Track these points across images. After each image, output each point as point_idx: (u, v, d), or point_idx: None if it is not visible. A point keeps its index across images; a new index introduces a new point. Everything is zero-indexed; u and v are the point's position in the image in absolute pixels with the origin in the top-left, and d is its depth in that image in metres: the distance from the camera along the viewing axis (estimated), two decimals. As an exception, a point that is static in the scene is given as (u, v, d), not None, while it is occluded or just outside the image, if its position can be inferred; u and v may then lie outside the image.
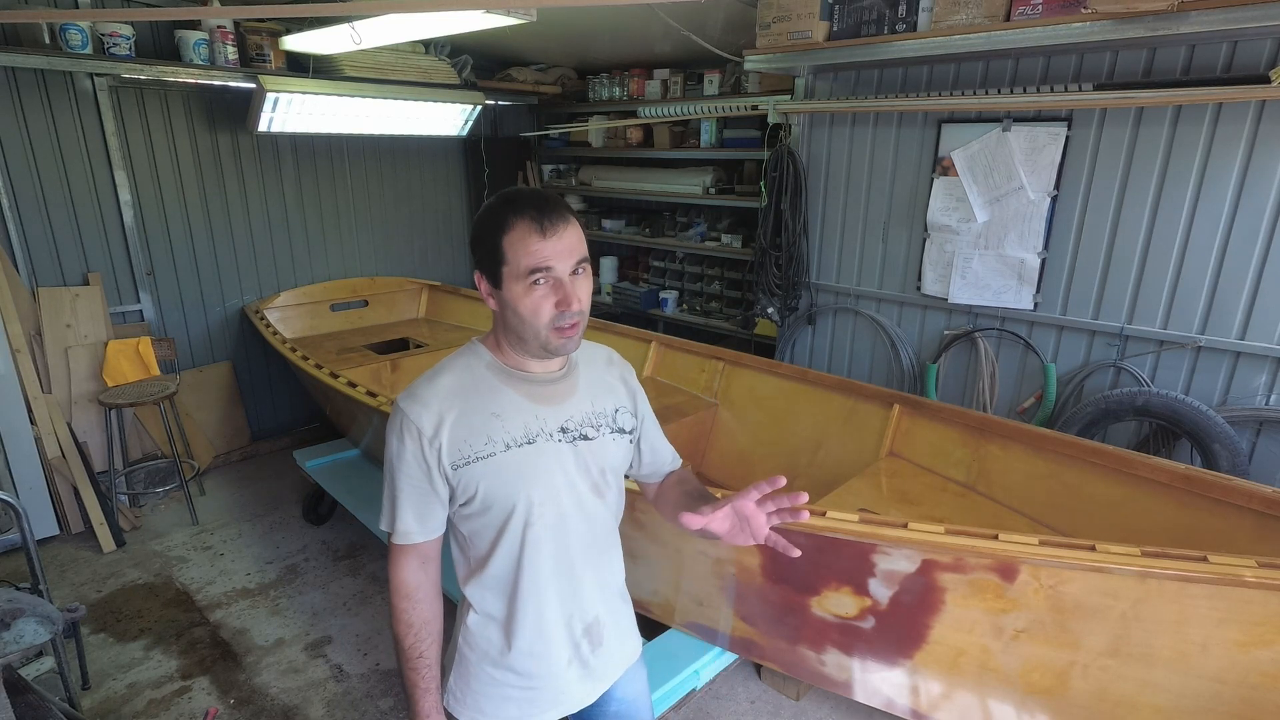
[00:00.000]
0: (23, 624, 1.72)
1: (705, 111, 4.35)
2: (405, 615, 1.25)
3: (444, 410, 1.20)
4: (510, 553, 1.26)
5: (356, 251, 4.92)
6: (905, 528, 1.76)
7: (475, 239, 1.21)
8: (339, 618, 3.01)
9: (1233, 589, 1.51)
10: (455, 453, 1.20)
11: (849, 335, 3.90)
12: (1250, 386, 2.76)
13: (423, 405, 1.20)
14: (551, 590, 1.29)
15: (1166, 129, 2.75)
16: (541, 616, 1.29)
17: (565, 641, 1.32)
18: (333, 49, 3.71)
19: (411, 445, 1.20)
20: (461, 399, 1.21)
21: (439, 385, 1.23)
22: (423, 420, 1.19)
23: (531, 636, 1.29)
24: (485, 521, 1.25)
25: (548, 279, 1.14)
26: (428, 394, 1.21)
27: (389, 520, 1.25)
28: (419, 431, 1.19)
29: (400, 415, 1.21)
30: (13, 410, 3.34)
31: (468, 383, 1.23)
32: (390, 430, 1.22)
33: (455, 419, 1.20)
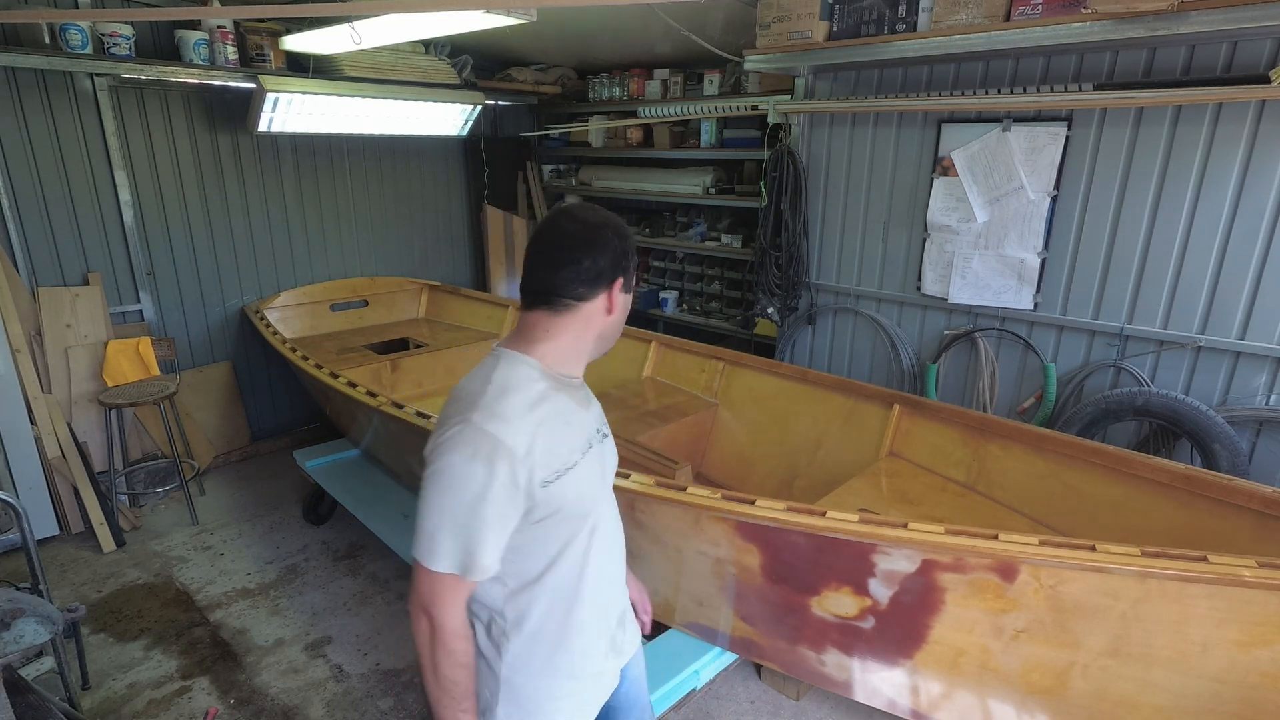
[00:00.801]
0: (23, 624, 1.72)
1: (705, 111, 4.35)
2: (463, 657, 1.18)
3: (532, 425, 1.15)
4: (575, 557, 1.26)
5: (356, 251, 4.92)
6: (905, 528, 1.76)
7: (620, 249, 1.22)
8: (339, 618, 3.01)
9: (1233, 589, 1.51)
10: (547, 468, 1.16)
11: (849, 335, 3.90)
12: (1250, 386, 2.76)
13: (508, 423, 1.13)
14: (604, 586, 1.33)
15: (1166, 129, 2.75)
16: (599, 614, 1.33)
17: (607, 634, 1.38)
18: (333, 49, 3.71)
19: (504, 470, 1.11)
20: (540, 411, 1.18)
21: (516, 401, 1.16)
22: (516, 440, 1.12)
23: (590, 636, 1.32)
24: (554, 532, 1.22)
25: None
26: (509, 411, 1.14)
27: (460, 556, 1.12)
28: (511, 452, 1.11)
29: (487, 438, 1.10)
30: (13, 410, 3.34)
31: (536, 394, 1.19)
32: (471, 457, 1.10)
33: (544, 433, 1.16)
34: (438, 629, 1.16)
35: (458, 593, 1.16)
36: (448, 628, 1.16)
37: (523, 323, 1.26)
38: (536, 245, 1.23)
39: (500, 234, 5.46)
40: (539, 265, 1.22)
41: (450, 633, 1.16)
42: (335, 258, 4.81)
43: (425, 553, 1.13)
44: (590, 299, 1.22)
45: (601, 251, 1.20)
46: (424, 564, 1.14)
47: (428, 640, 1.17)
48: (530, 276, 1.23)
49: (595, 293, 1.22)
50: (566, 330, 1.23)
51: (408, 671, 2.71)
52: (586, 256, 1.19)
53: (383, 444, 3.46)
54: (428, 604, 1.15)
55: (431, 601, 1.15)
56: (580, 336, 1.25)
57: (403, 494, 3.57)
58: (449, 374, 4.30)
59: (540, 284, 1.22)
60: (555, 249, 1.21)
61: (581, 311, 1.22)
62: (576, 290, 1.20)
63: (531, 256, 1.23)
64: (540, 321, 1.23)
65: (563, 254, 1.20)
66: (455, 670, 1.17)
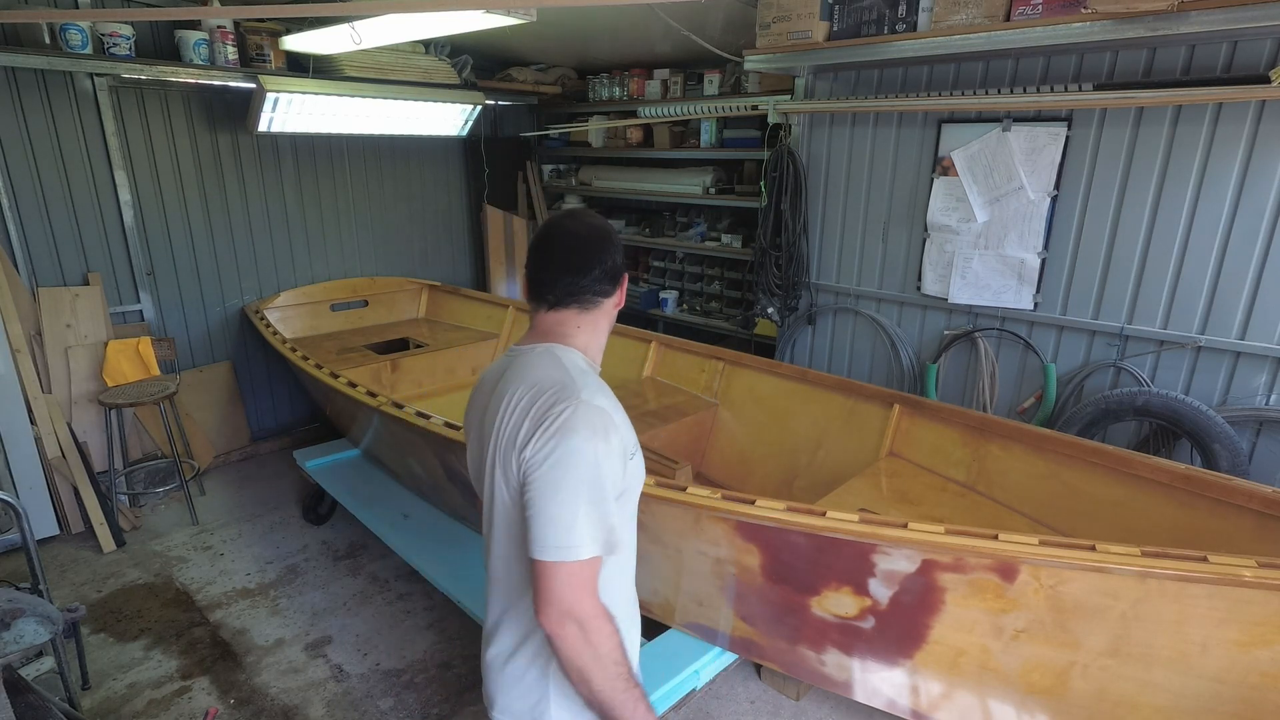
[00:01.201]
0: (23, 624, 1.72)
1: (705, 111, 4.35)
2: (618, 635, 1.17)
3: (612, 402, 1.24)
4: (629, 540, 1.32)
5: (356, 251, 4.91)
6: (905, 528, 1.76)
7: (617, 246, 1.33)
8: (339, 618, 3.01)
9: (1233, 589, 1.51)
10: (631, 444, 1.24)
11: (849, 335, 3.90)
12: (1250, 386, 2.76)
13: (609, 398, 1.23)
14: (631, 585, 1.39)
15: (1166, 129, 2.75)
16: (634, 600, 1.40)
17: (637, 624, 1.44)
18: (333, 49, 3.71)
19: (616, 440, 1.18)
20: (610, 395, 1.26)
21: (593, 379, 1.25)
22: (616, 413, 1.21)
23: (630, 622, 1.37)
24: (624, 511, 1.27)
25: None
26: (601, 388, 1.24)
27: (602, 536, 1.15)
28: (618, 426, 1.20)
29: (600, 413, 1.17)
30: (13, 410, 3.34)
31: (600, 380, 1.28)
32: (590, 431, 1.14)
33: (619, 412, 1.24)
34: (586, 623, 1.12)
35: (593, 574, 1.15)
36: (596, 613, 1.14)
37: (547, 322, 1.32)
38: (554, 250, 1.30)
39: (500, 234, 5.46)
40: (565, 268, 1.28)
41: (599, 617, 1.14)
42: (335, 258, 4.81)
43: (569, 548, 1.11)
44: (611, 295, 1.34)
45: (615, 250, 1.32)
46: (569, 560, 1.11)
47: (580, 643, 1.12)
48: (559, 279, 1.29)
49: (614, 288, 1.34)
50: (592, 325, 1.33)
51: (408, 671, 2.71)
52: (607, 257, 1.30)
53: (383, 444, 3.46)
54: (571, 604, 1.12)
55: (576, 599, 1.12)
56: (600, 330, 1.36)
57: (403, 494, 3.57)
58: (449, 374, 4.30)
59: (570, 286, 1.29)
60: (578, 252, 1.29)
61: (604, 307, 1.34)
62: (602, 288, 1.31)
63: (552, 261, 1.29)
64: (570, 319, 1.31)
65: (587, 256, 1.29)
66: (617, 650, 1.16)
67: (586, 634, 1.12)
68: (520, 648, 1.29)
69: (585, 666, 1.13)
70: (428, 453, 2.93)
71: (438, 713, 2.52)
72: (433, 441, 2.71)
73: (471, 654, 2.80)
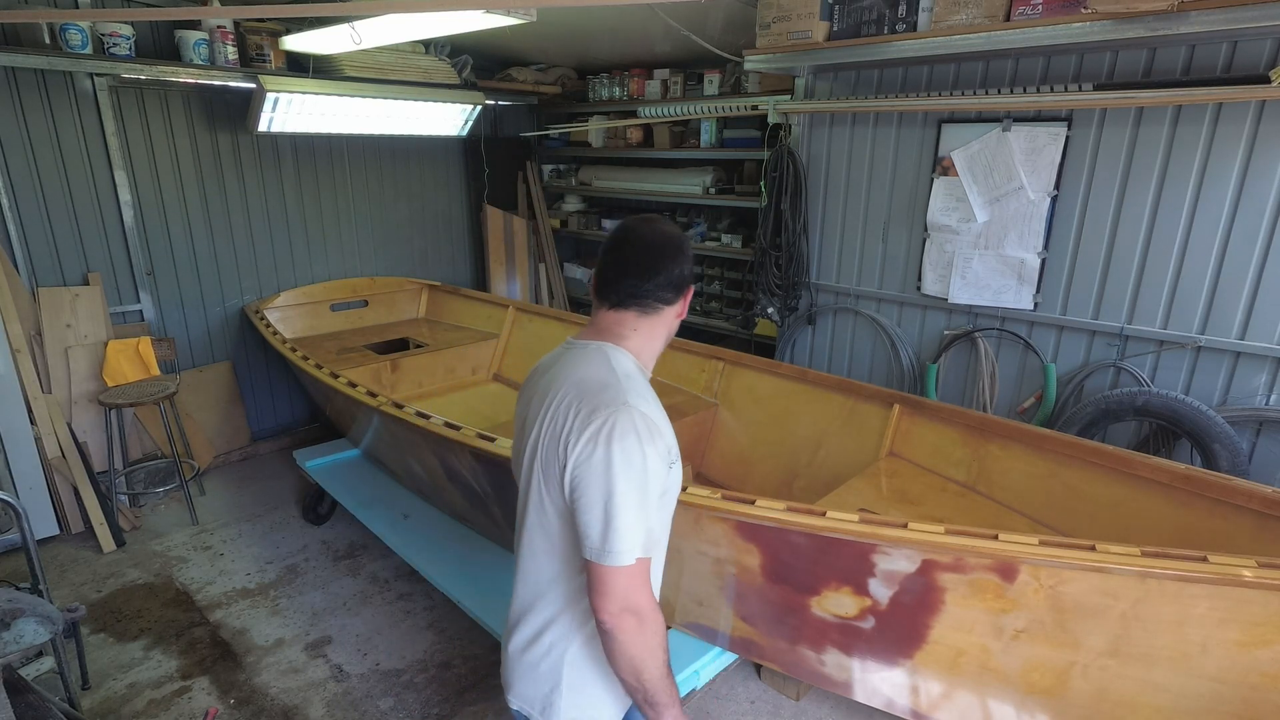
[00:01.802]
0: (23, 624, 1.72)
1: (705, 111, 4.35)
2: (665, 627, 1.23)
3: (656, 407, 1.26)
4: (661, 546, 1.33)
5: (356, 251, 4.91)
6: (905, 528, 1.76)
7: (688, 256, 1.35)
8: (339, 618, 3.01)
9: (1233, 589, 1.51)
10: (675, 451, 1.27)
11: (849, 335, 3.90)
12: (1250, 386, 2.76)
13: (653, 404, 1.24)
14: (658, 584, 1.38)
15: (1166, 129, 2.75)
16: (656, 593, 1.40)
17: None
18: (333, 49, 3.71)
19: (662, 445, 1.21)
20: (655, 399, 1.28)
21: (641, 385, 1.27)
22: (660, 420, 1.23)
23: None
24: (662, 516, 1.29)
25: None
26: (647, 393, 1.26)
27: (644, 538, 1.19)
28: (662, 432, 1.22)
29: (646, 420, 1.19)
30: (13, 410, 3.34)
31: (647, 384, 1.30)
32: (637, 438, 1.17)
33: (663, 419, 1.26)
34: (643, 616, 1.19)
35: (646, 571, 1.21)
36: (652, 606, 1.21)
37: (606, 320, 1.35)
38: (623, 252, 1.33)
39: (500, 234, 5.46)
40: (634, 272, 1.31)
41: (655, 610, 1.21)
42: (335, 258, 4.81)
43: (620, 553, 1.16)
44: (674, 303, 1.35)
45: (684, 261, 1.34)
46: (619, 564, 1.16)
47: (639, 634, 1.19)
48: (623, 281, 1.32)
49: (678, 297, 1.35)
50: (649, 330, 1.35)
51: (408, 671, 2.71)
52: (675, 265, 1.32)
53: (383, 444, 3.46)
54: (629, 601, 1.18)
55: (631, 595, 1.18)
56: (657, 336, 1.37)
57: (403, 494, 3.57)
58: (449, 374, 4.30)
59: (633, 288, 1.31)
60: (650, 258, 1.31)
61: (665, 314, 1.35)
62: (665, 295, 1.33)
63: (620, 262, 1.32)
64: (628, 320, 1.33)
65: (657, 261, 1.31)
66: (665, 640, 1.22)
67: (643, 625, 1.18)
68: (539, 637, 1.33)
69: (639, 656, 1.19)
70: (428, 453, 2.93)
71: (438, 713, 2.52)
72: (433, 441, 2.71)
73: (471, 654, 2.80)
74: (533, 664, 1.34)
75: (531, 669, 1.34)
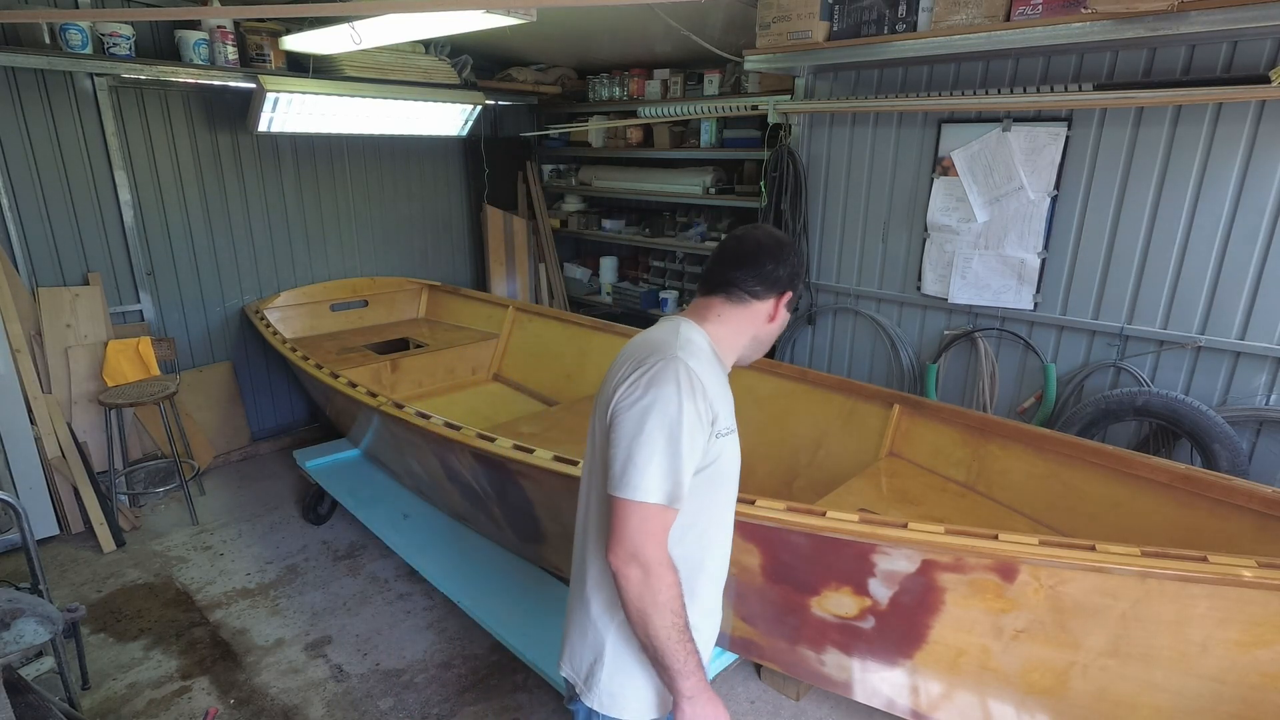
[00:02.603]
0: (23, 624, 1.72)
1: (705, 111, 4.35)
2: (679, 586, 1.21)
3: (712, 375, 1.27)
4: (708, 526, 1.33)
5: (356, 251, 4.91)
6: (905, 528, 1.76)
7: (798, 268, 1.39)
8: (339, 618, 3.01)
9: (1233, 589, 1.51)
10: (719, 420, 1.26)
11: (849, 335, 3.90)
12: (1250, 386, 2.76)
13: (701, 363, 1.25)
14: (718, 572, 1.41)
15: (1166, 129, 2.75)
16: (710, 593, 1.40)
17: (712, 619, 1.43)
18: (333, 49, 3.71)
19: (702, 402, 1.20)
20: (714, 369, 1.30)
21: (700, 350, 1.28)
22: (706, 378, 1.23)
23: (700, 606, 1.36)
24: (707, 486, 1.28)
25: None
26: (699, 356, 1.26)
27: (669, 486, 1.17)
28: (705, 388, 1.22)
29: (687, 370, 1.20)
30: (13, 410, 3.34)
31: (710, 357, 1.31)
32: (677, 386, 1.19)
33: (718, 387, 1.28)
34: (650, 568, 1.17)
35: (664, 524, 1.20)
36: (661, 560, 1.18)
37: (699, 304, 1.39)
38: (729, 246, 1.38)
39: (500, 234, 5.46)
40: (728, 261, 1.36)
41: (664, 565, 1.19)
42: (335, 258, 4.81)
43: (636, 488, 1.16)
44: (763, 299, 1.36)
45: (784, 262, 1.35)
46: (635, 499, 1.17)
47: (642, 586, 1.18)
48: (717, 268, 1.37)
49: (768, 295, 1.36)
50: (734, 320, 1.37)
51: (408, 671, 2.71)
52: (770, 262, 1.34)
53: (383, 444, 3.46)
54: (637, 546, 1.17)
55: (642, 542, 1.17)
56: (741, 330, 1.38)
57: (403, 494, 3.57)
58: (449, 374, 4.30)
59: (725, 276, 1.35)
60: (747, 250, 1.35)
61: (751, 308, 1.36)
62: (754, 287, 1.34)
63: (722, 254, 1.38)
64: (715, 305, 1.37)
65: (752, 255, 1.35)
66: (676, 600, 1.19)
67: (648, 578, 1.17)
68: (588, 606, 1.35)
69: (645, 609, 1.18)
70: (428, 453, 2.93)
71: (437, 713, 2.52)
72: (433, 441, 2.71)
73: (471, 654, 2.80)
74: (581, 632, 1.36)
75: (581, 637, 1.36)
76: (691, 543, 1.32)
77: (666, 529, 1.20)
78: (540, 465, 2.22)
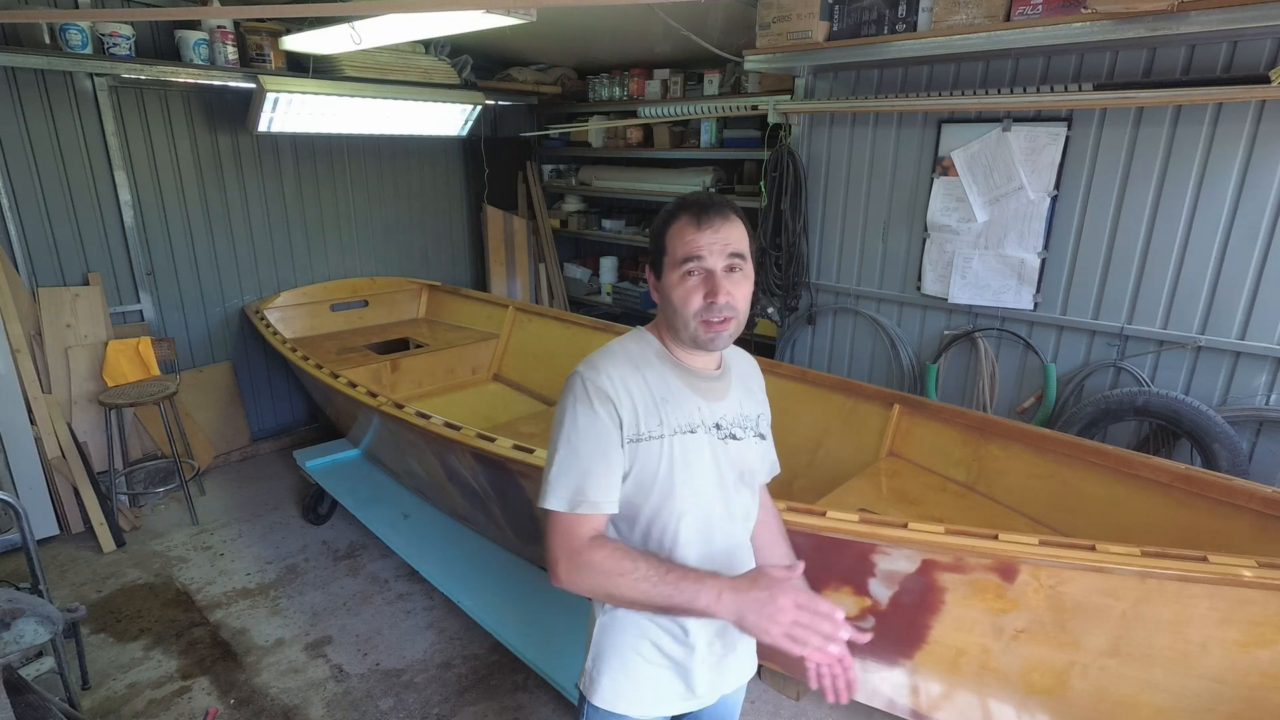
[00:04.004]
0: (23, 624, 1.72)
1: (705, 111, 4.35)
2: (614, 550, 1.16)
3: (626, 381, 1.23)
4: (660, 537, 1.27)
5: (356, 251, 4.92)
6: (905, 528, 1.76)
7: (651, 234, 1.31)
8: (339, 618, 3.01)
9: (1233, 589, 1.50)
10: (634, 427, 1.21)
11: (849, 335, 3.90)
12: (1250, 386, 2.76)
13: (605, 374, 1.22)
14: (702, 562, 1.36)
15: (1166, 129, 2.75)
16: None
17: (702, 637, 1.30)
18: (333, 49, 3.71)
19: (600, 408, 1.19)
20: (638, 375, 1.25)
21: (617, 358, 1.26)
22: (609, 387, 1.21)
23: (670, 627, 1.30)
24: (637, 498, 1.25)
25: (699, 270, 1.21)
26: (608, 365, 1.24)
27: (569, 494, 1.18)
28: (607, 396, 1.20)
29: (584, 381, 1.21)
30: (13, 410, 3.34)
31: (641, 362, 1.27)
32: (573, 398, 1.21)
33: (636, 393, 1.23)
34: (572, 559, 1.17)
35: (574, 528, 1.19)
36: (574, 549, 1.18)
37: None
38: None
39: (500, 234, 5.46)
40: None
41: (578, 552, 1.17)
42: (335, 258, 4.81)
43: (542, 494, 1.21)
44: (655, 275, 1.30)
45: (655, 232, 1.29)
46: (543, 506, 1.20)
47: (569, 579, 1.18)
48: None
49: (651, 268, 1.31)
50: (660, 310, 1.32)
51: (408, 671, 2.71)
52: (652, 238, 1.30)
53: (383, 444, 3.46)
54: (552, 547, 1.20)
55: (555, 543, 1.20)
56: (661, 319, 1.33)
57: (403, 494, 3.57)
58: (449, 374, 4.30)
59: None
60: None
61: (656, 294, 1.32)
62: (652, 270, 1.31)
63: None
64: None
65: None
66: (613, 562, 1.15)
67: (578, 567, 1.17)
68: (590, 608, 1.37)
69: (596, 588, 1.18)
70: (428, 453, 2.92)
71: (438, 713, 2.52)
72: (433, 441, 2.71)
73: (471, 654, 2.80)
74: (587, 634, 1.36)
75: (587, 639, 1.36)
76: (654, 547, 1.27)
77: (579, 527, 1.19)
78: (540, 465, 2.22)
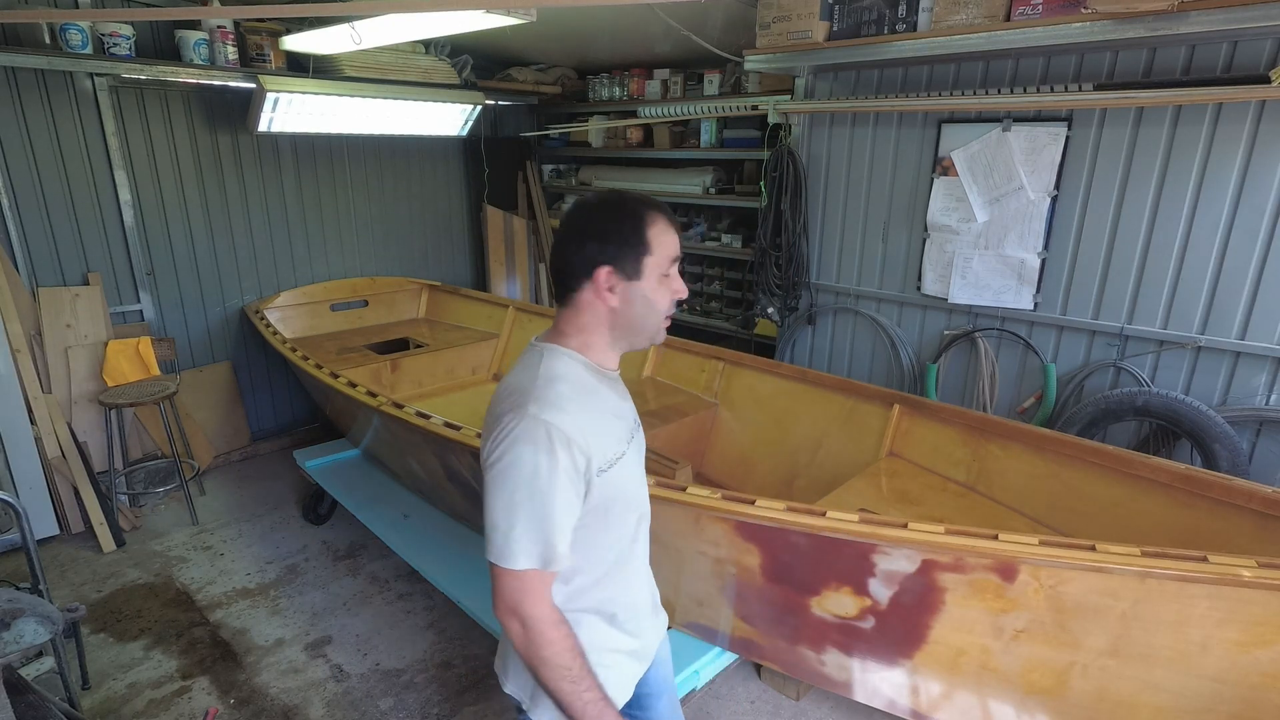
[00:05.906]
0: (23, 624, 1.72)
1: (705, 111, 4.35)
2: (565, 641, 1.16)
3: (581, 415, 1.16)
4: (624, 545, 1.30)
5: (356, 251, 4.92)
6: (905, 528, 1.76)
7: (606, 232, 1.19)
8: (339, 618, 3.01)
9: (1233, 589, 1.51)
10: (601, 457, 1.18)
11: (849, 335, 3.90)
12: (1250, 386, 2.76)
13: (562, 411, 1.14)
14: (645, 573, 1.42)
15: (1166, 129, 2.74)
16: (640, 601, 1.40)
17: (647, 619, 1.43)
18: (333, 49, 3.71)
19: (565, 457, 1.11)
20: (586, 402, 1.19)
21: (564, 391, 1.17)
22: (571, 426, 1.13)
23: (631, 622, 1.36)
24: (608, 520, 1.24)
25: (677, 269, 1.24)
26: (560, 399, 1.15)
27: (539, 550, 1.12)
28: (569, 438, 1.12)
29: (546, 426, 1.11)
30: (13, 410, 3.34)
31: (581, 387, 1.21)
32: (533, 447, 1.11)
33: (590, 423, 1.17)
34: (530, 626, 1.15)
35: (542, 586, 1.16)
36: (541, 618, 1.15)
37: (556, 317, 1.28)
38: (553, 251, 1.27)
39: (500, 234, 5.46)
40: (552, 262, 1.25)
41: (545, 623, 1.15)
42: (335, 258, 4.81)
43: (504, 554, 1.13)
44: (584, 286, 1.21)
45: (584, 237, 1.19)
46: (504, 566, 1.13)
47: (524, 641, 1.16)
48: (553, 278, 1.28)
49: (585, 279, 1.20)
50: (580, 321, 1.24)
51: (408, 671, 2.71)
52: (571, 241, 1.20)
53: (383, 444, 3.46)
54: (515, 605, 1.14)
55: (519, 601, 1.14)
56: (599, 328, 1.24)
57: (403, 494, 3.57)
58: (449, 374, 4.30)
59: (554, 279, 1.26)
60: (555, 251, 1.24)
61: (582, 300, 1.22)
62: (570, 281, 1.22)
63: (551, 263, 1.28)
64: (563, 315, 1.26)
65: (560, 247, 1.22)
66: (563, 655, 1.15)
67: (529, 635, 1.15)
68: None
69: (532, 663, 1.17)
70: (428, 453, 2.93)
71: (438, 713, 2.52)
72: (433, 441, 2.71)
73: (471, 654, 2.80)
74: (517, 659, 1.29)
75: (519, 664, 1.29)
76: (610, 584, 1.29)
77: (546, 586, 1.16)
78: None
